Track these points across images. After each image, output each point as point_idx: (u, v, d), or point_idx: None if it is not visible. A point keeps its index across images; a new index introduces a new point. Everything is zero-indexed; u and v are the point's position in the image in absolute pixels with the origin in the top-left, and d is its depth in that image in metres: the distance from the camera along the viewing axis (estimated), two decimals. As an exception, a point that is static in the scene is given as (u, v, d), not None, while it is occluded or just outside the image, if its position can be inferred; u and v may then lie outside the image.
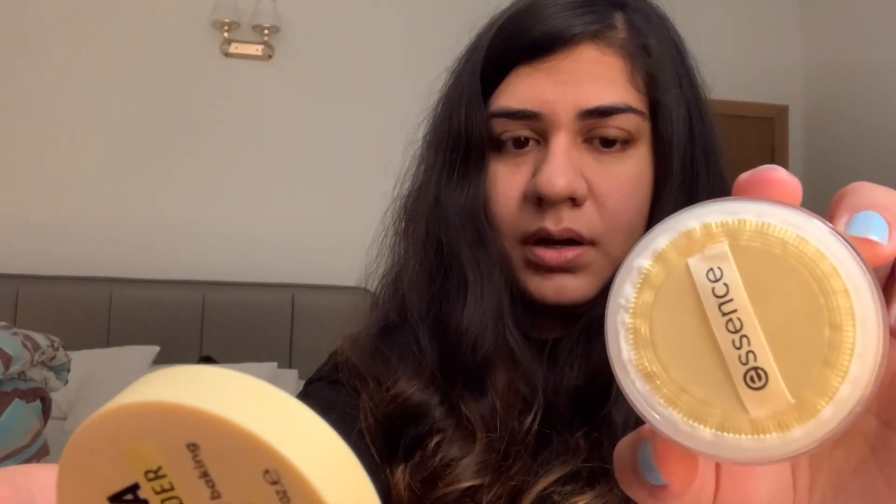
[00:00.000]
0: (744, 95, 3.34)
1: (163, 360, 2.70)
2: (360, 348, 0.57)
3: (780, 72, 3.65)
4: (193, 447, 0.17)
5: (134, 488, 0.17)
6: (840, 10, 3.46)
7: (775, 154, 3.67)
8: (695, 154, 0.53)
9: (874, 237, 0.21)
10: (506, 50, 0.53)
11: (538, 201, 0.51)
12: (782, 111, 3.69)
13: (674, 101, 0.53)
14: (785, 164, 3.67)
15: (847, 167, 3.35)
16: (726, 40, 3.32)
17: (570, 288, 0.51)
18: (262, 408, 0.17)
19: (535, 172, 0.51)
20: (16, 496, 0.20)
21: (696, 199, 0.52)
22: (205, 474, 0.17)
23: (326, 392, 0.57)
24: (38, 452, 1.74)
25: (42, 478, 0.20)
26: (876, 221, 0.21)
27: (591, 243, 0.51)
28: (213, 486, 0.17)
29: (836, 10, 3.49)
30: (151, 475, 0.17)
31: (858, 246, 0.21)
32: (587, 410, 0.50)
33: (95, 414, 0.17)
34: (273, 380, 2.24)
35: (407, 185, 0.60)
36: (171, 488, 0.17)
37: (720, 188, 0.54)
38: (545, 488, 0.49)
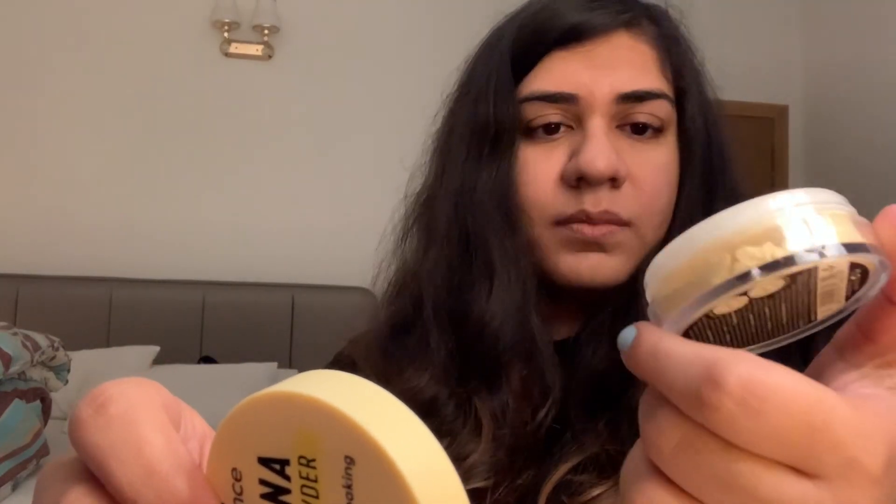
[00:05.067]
0: (744, 95, 3.33)
1: (163, 360, 2.70)
2: (368, 347, 0.57)
3: (780, 72, 3.64)
4: (350, 461, 0.18)
5: (284, 462, 0.19)
6: (840, 10, 3.46)
7: (775, 154, 3.66)
8: (712, 145, 0.55)
9: None
10: (539, 36, 0.53)
11: (577, 183, 0.51)
12: (782, 111, 3.69)
13: (696, 93, 0.55)
14: (785, 164, 3.67)
15: (847, 167, 3.35)
16: (726, 40, 3.31)
17: (606, 267, 0.51)
18: (423, 464, 0.18)
19: (571, 156, 0.51)
20: (174, 405, 0.22)
21: (714, 187, 0.54)
22: (348, 487, 0.18)
23: None
24: (37, 452, 1.73)
25: (191, 412, 0.23)
26: None
27: (628, 224, 0.51)
28: (350, 500, 0.18)
29: (836, 10, 3.49)
30: (304, 461, 0.19)
31: None
32: (607, 398, 0.50)
33: (284, 388, 0.19)
34: (273, 380, 2.23)
35: (421, 179, 0.60)
36: (315, 481, 0.19)
37: (731, 180, 0.56)
38: (563, 475, 0.48)
